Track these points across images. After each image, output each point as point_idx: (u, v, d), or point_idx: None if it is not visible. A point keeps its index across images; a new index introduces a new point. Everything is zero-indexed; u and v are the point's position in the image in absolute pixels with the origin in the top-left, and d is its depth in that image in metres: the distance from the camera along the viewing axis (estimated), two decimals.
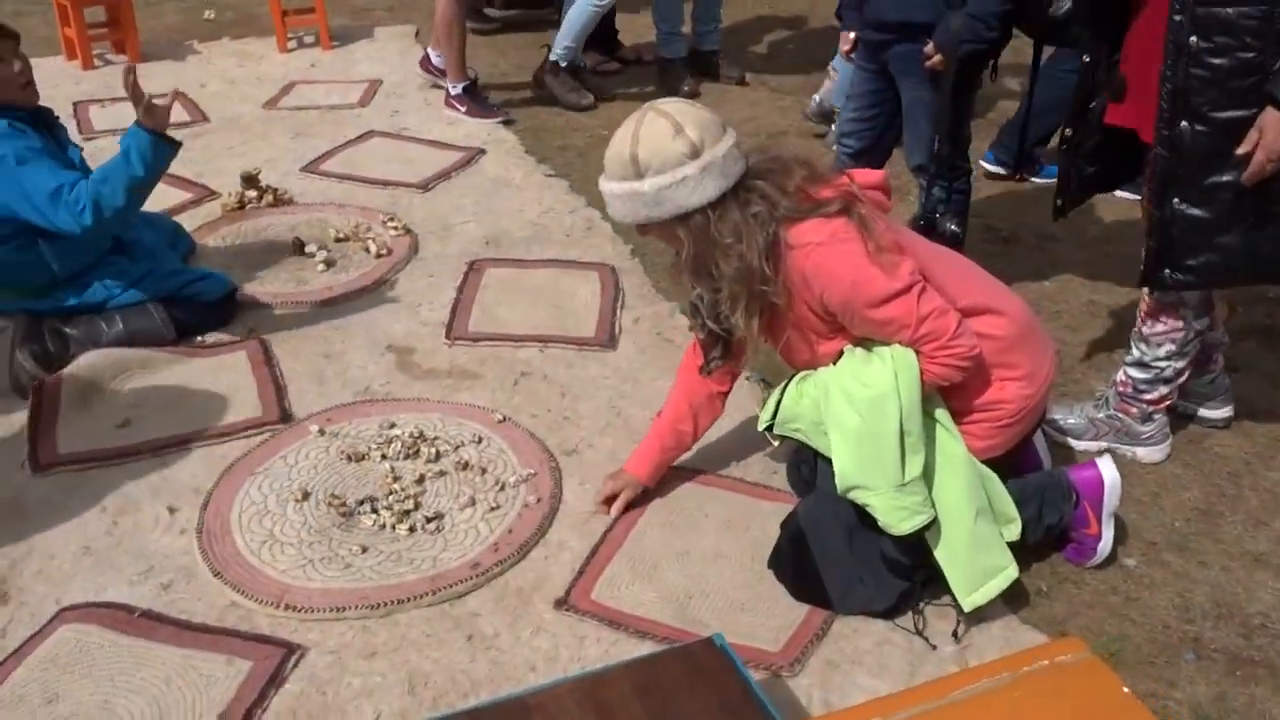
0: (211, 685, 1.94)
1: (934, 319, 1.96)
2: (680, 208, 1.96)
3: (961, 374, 2.02)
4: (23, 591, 2.17)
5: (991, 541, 2.06)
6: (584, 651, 2.02)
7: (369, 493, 2.39)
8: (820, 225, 1.97)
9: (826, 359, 2.11)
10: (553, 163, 4.20)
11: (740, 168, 1.99)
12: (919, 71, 2.74)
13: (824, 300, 2.00)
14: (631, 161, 1.95)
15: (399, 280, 3.33)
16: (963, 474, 2.04)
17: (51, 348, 2.80)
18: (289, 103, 4.78)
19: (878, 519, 2.02)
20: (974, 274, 2.18)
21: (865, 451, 1.99)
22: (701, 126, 1.95)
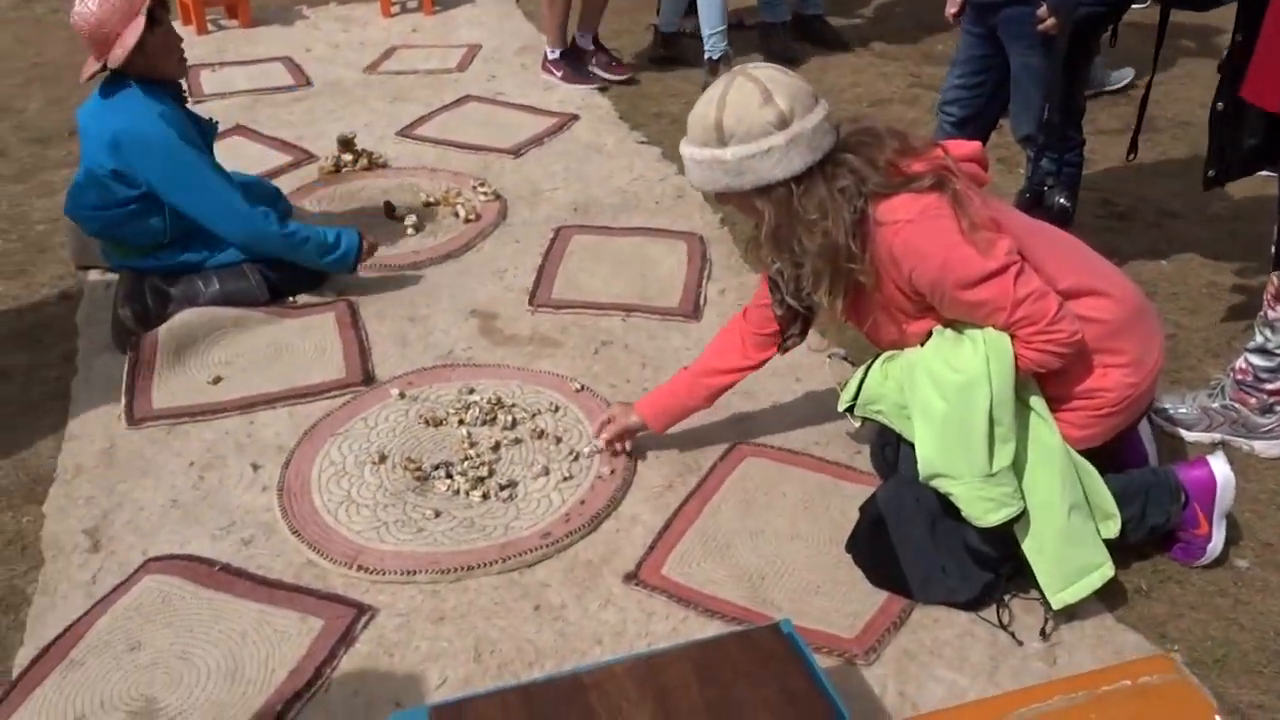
0: (284, 641, 1.97)
1: (1032, 301, 1.84)
2: (762, 179, 1.87)
3: (1060, 360, 1.89)
4: (112, 541, 2.23)
5: (1086, 537, 1.93)
6: (651, 627, 1.99)
7: (444, 458, 2.39)
8: (911, 201, 1.85)
9: (914, 339, 2.01)
10: (646, 129, 4.14)
11: (829, 141, 1.88)
12: (1030, 36, 2.58)
13: (913, 280, 1.90)
14: (716, 128, 1.86)
15: (485, 246, 3.32)
16: (1057, 465, 1.92)
17: (151, 305, 2.88)
18: (389, 67, 4.82)
19: (962, 510, 1.92)
20: (1079, 252, 2.04)
21: (950, 439, 1.89)
22: (792, 96, 1.85)
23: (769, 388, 2.61)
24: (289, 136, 4.08)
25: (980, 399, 1.85)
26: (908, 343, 2.03)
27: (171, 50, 2.83)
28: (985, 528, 1.91)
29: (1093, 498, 1.97)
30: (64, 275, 3.25)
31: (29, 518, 2.32)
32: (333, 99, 4.49)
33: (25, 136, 4.25)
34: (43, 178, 3.90)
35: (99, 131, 2.78)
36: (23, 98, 4.65)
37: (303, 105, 4.42)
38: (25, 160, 4.05)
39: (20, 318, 3.06)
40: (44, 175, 3.92)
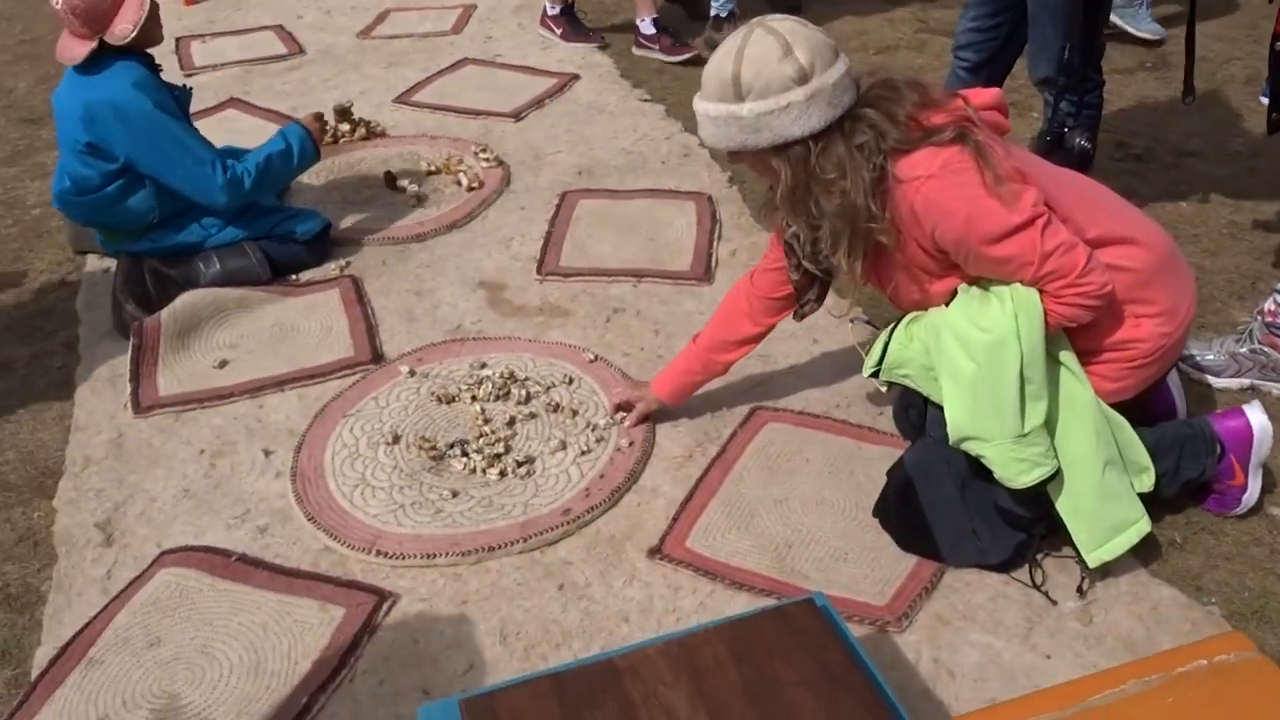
0: (306, 631, 1.93)
1: (1060, 254, 1.76)
2: (780, 137, 1.79)
3: (1092, 314, 1.82)
4: (125, 534, 2.20)
5: (1121, 493, 1.88)
6: (679, 603, 1.95)
7: (459, 435, 2.35)
8: (932, 155, 1.77)
9: (939, 299, 1.94)
10: (649, 86, 4.04)
11: (850, 98, 1.80)
12: None
13: (936, 238, 1.82)
14: (733, 82, 1.77)
15: (490, 214, 3.25)
16: (1089, 421, 1.86)
17: (152, 289, 2.82)
18: (383, 31, 4.72)
19: (995, 472, 1.87)
20: (1106, 200, 1.96)
21: (982, 401, 1.83)
22: (813, 50, 1.76)
23: (786, 350, 2.55)
24: (284, 108, 3.99)
25: (1010, 358, 1.79)
26: (931, 303, 1.96)
27: (158, 17, 2.78)
28: (1018, 489, 1.87)
29: (1126, 451, 1.91)
30: (62, 261, 3.20)
31: (39, 513, 2.29)
32: (327, 66, 4.39)
33: (16, 117, 4.17)
34: (36, 159, 3.83)
35: (71, 108, 2.72)
36: (11, 76, 4.56)
37: (297, 74, 4.33)
38: (17, 141, 3.97)
39: (20, 306, 3.01)
40: (37, 157, 3.84)
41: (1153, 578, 1.95)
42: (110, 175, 2.76)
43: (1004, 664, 1.81)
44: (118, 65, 2.70)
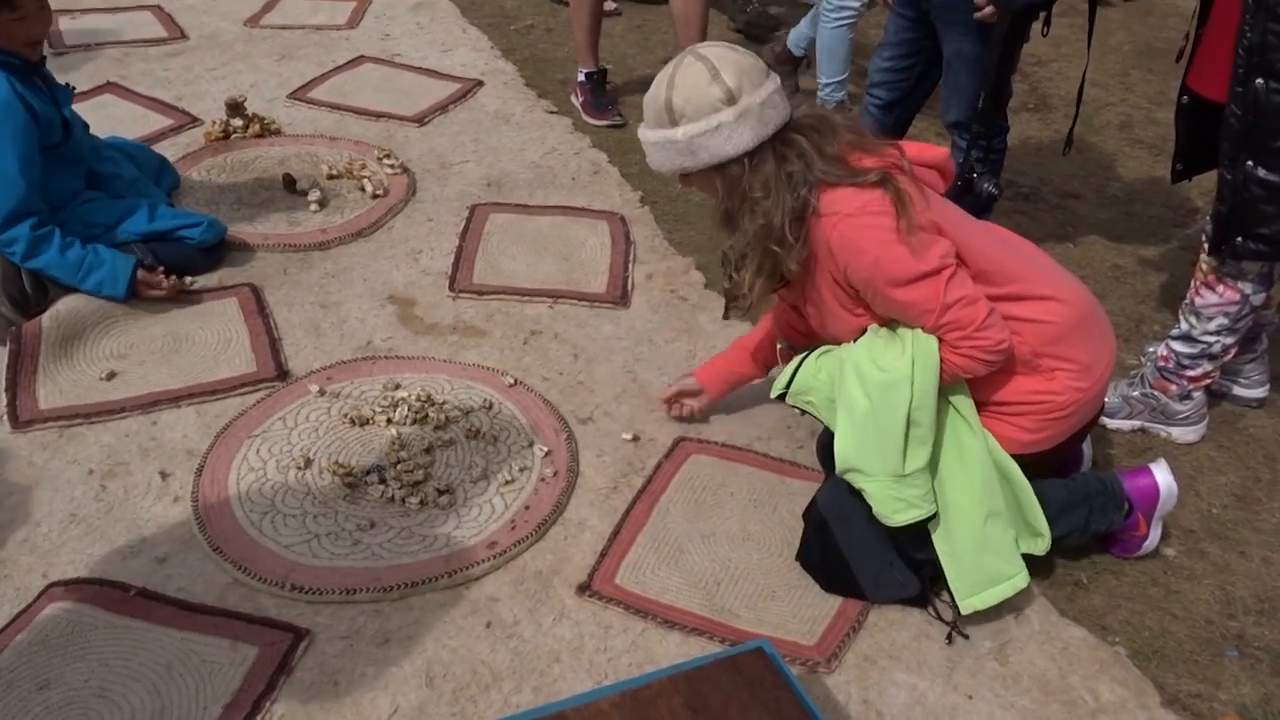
0: (216, 672, 1.82)
1: (960, 307, 1.85)
2: (716, 156, 1.87)
3: (986, 368, 1.91)
4: (5, 564, 2.02)
5: (1002, 547, 1.96)
6: (610, 642, 1.93)
7: (375, 461, 2.26)
8: (853, 195, 1.85)
9: (848, 335, 2.01)
10: (554, 97, 3.99)
11: (782, 115, 1.88)
12: (965, 23, 2.57)
13: (848, 274, 1.90)
14: (666, 108, 1.87)
15: (396, 224, 3.15)
16: (975, 471, 1.94)
17: (30, 290, 2.61)
18: (272, 20, 4.51)
19: (873, 507, 1.94)
20: (1029, 255, 2.05)
21: (868, 436, 1.90)
22: (740, 72, 1.83)
23: None
24: (167, 97, 3.77)
25: (900, 400, 1.87)
26: (842, 338, 2.03)
27: (15, 38, 2.52)
28: (892, 526, 1.94)
29: (1026, 514, 2.00)
30: None
31: None
32: (212, 54, 4.17)
33: None
34: None
35: None
36: None
37: (179, 61, 4.09)
38: None
39: None
40: None
41: (1062, 617, 2.04)
42: None
43: (929, 705, 1.85)
44: None
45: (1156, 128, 4.06)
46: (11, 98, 2.50)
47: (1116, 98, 4.36)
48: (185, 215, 2.85)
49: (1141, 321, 2.96)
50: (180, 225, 2.79)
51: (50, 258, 2.56)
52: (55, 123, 2.63)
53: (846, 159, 1.87)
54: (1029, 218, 3.45)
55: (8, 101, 2.49)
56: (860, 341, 1.96)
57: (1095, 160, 3.88)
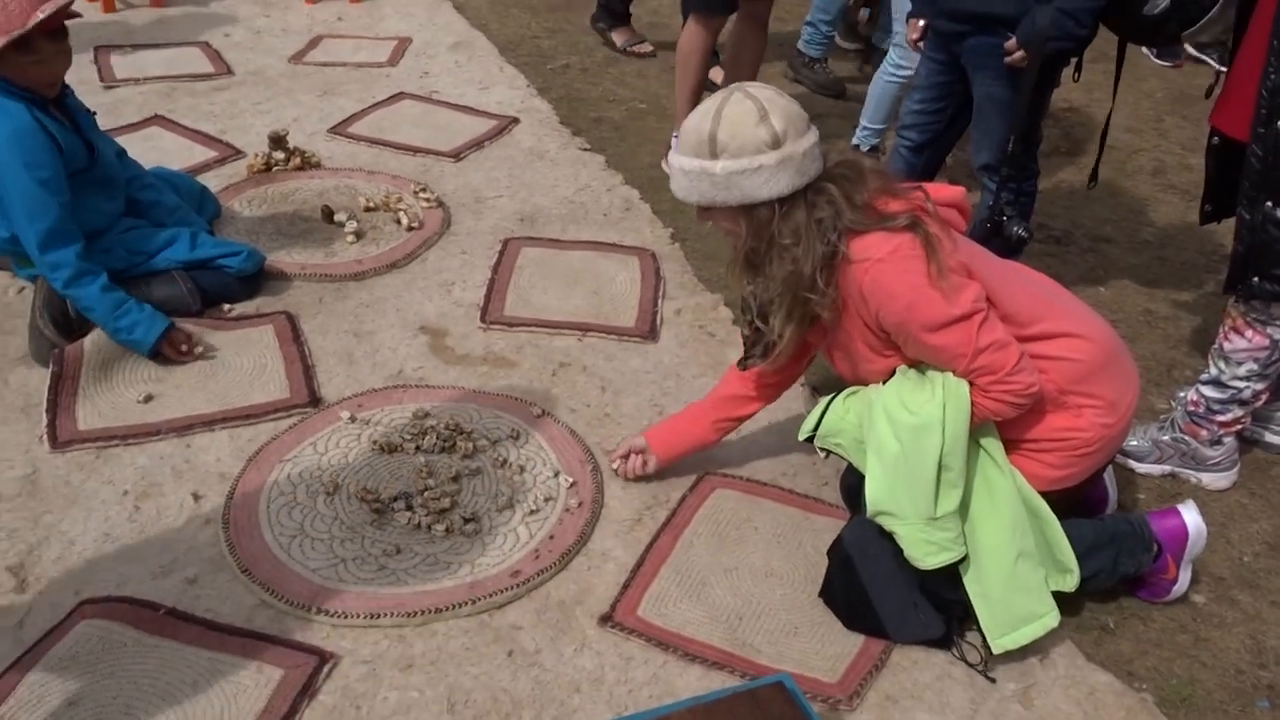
0: (241, 694, 1.84)
1: (992, 351, 1.86)
2: (748, 197, 1.87)
3: (1016, 410, 1.92)
4: (41, 580, 2.06)
5: (1032, 586, 1.95)
6: (631, 674, 1.93)
7: (403, 488, 2.29)
8: (883, 240, 1.86)
9: (876, 377, 2.01)
10: (588, 135, 4.05)
11: (817, 168, 1.90)
12: (996, 66, 2.59)
13: (880, 319, 1.91)
14: (709, 140, 1.86)
15: (430, 256, 3.20)
16: (1006, 512, 1.94)
17: (73, 314, 2.68)
18: (315, 57, 4.62)
19: (904, 550, 1.94)
20: (1052, 295, 2.05)
21: (899, 479, 1.90)
22: (788, 118, 1.85)
23: None
24: (212, 130, 3.86)
25: (932, 444, 1.87)
26: (870, 380, 2.03)
27: (33, 79, 2.57)
28: (924, 569, 1.93)
29: (1055, 551, 1.99)
30: None
31: None
32: (257, 90, 4.27)
33: None
34: None
35: None
36: None
37: (225, 95, 4.20)
38: None
39: None
40: None
41: (1088, 661, 2.02)
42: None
43: None
44: (7, 103, 2.55)
45: (1189, 173, 4.05)
46: (32, 125, 2.55)
47: (1149, 143, 4.36)
48: (225, 244, 2.92)
49: (1173, 366, 2.94)
50: (220, 254, 2.86)
51: (91, 292, 2.59)
52: (78, 149, 2.68)
53: (874, 205, 1.89)
54: (1060, 261, 3.44)
55: (30, 129, 2.55)
56: (889, 383, 1.97)
57: (1127, 205, 3.88)
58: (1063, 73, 2.71)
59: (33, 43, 2.51)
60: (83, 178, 2.70)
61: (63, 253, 2.58)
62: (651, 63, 4.81)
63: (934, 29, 2.78)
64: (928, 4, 2.76)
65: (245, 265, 2.88)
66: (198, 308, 2.81)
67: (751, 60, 3.66)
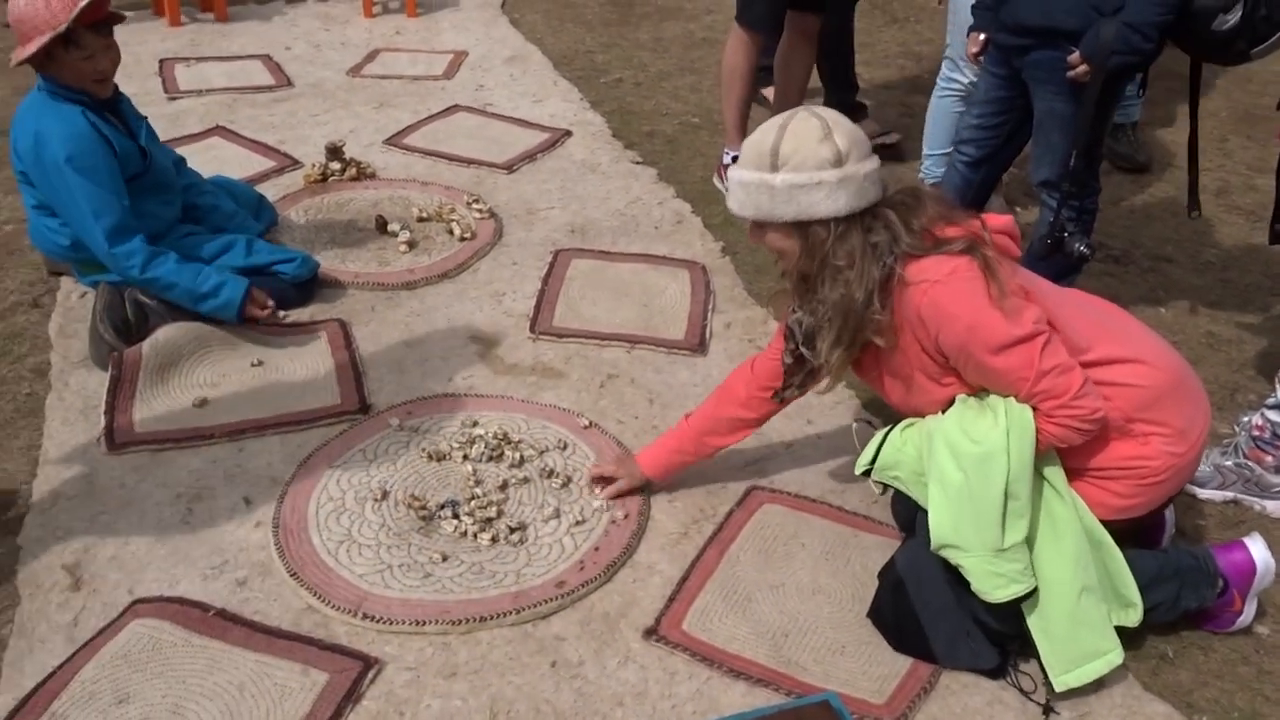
0: (286, 697, 1.85)
1: (1055, 375, 1.81)
2: (806, 213, 1.85)
3: (1082, 436, 1.87)
4: (95, 579, 2.10)
5: (1095, 622, 1.90)
6: (675, 689, 1.91)
7: (450, 496, 2.29)
8: (941, 263, 1.83)
9: (935, 406, 1.97)
10: (640, 149, 4.06)
11: (875, 193, 1.88)
12: (1058, 81, 2.55)
13: (940, 342, 1.87)
14: (771, 152, 1.84)
15: (482, 266, 3.22)
16: (1069, 544, 1.88)
17: (132, 319, 2.73)
18: (373, 70, 4.69)
19: (971, 583, 1.89)
20: (1115, 319, 2.01)
21: (964, 511, 1.86)
22: (852, 140, 1.84)
23: (781, 429, 2.54)
24: (271, 140, 3.93)
25: (998, 473, 1.83)
26: (925, 410, 2.00)
27: (84, 75, 2.63)
28: (992, 603, 1.88)
29: (1117, 583, 1.94)
30: (34, 281, 3.09)
31: (3, 550, 2.18)
32: (315, 102, 4.34)
33: None
34: (6, 173, 3.70)
35: (14, 133, 2.70)
36: None
37: (284, 107, 4.27)
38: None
39: None
40: (7, 170, 3.71)
41: (1145, 691, 1.96)
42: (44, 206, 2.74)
43: None
44: (50, 94, 2.64)
45: (1255, 194, 3.96)
46: (88, 128, 2.62)
47: (1214, 163, 4.26)
48: (281, 251, 2.96)
49: (1236, 390, 2.86)
50: (276, 260, 2.90)
51: (169, 268, 2.67)
52: (133, 153, 2.75)
53: (932, 231, 1.87)
54: (1119, 280, 3.37)
55: (85, 132, 2.62)
56: (949, 413, 1.93)
57: (1190, 225, 3.78)
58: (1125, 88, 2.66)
59: (78, 38, 2.57)
60: (138, 183, 2.76)
61: (132, 243, 2.65)
62: (704, 77, 4.81)
63: (995, 43, 2.74)
64: (989, 17, 2.72)
65: (300, 271, 2.92)
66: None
67: (800, 74, 3.65)
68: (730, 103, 3.66)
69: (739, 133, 3.64)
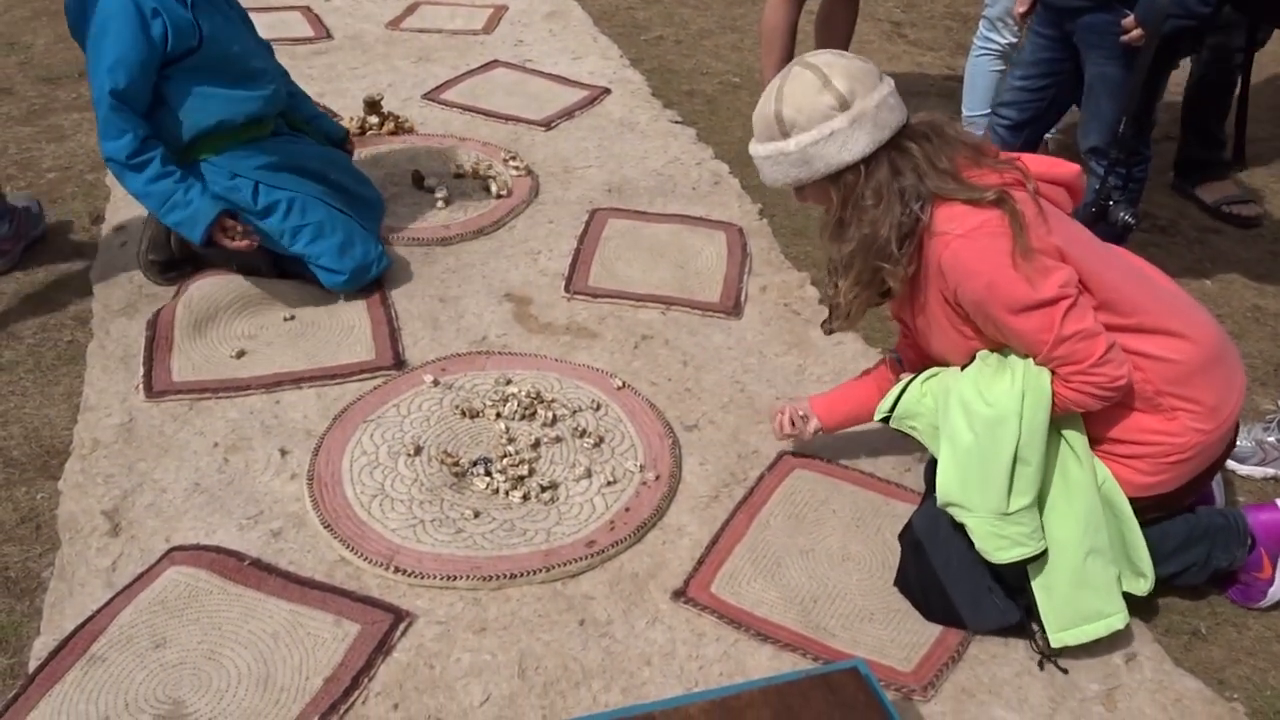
0: (319, 646, 1.88)
1: (1076, 340, 1.77)
2: (830, 165, 1.82)
3: (1100, 403, 1.83)
4: (133, 525, 2.13)
5: (1100, 584, 1.88)
6: (702, 650, 1.92)
7: (483, 453, 2.30)
8: (968, 214, 1.78)
9: (959, 357, 1.94)
10: (680, 108, 4.02)
11: (899, 118, 1.82)
12: (1111, 45, 2.48)
13: (959, 295, 1.83)
14: (776, 120, 1.83)
15: (518, 224, 3.21)
16: (1080, 505, 1.86)
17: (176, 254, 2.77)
18: (412, 24, 4.66)
19: (975, 543, 1.88)
20: (1157, 288, 1.94)
21: (972, 472, 1.84)
22: (851, 76, 1.79)
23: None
24: (310, 92, 3.86)
25: (1008, 437, 1.80)
26: (954, 359, 1.97)
27: None
28: (994, 564, 1.87)
29: (1129, 551, 1.92)
30: (77, 230, 3.11)
31: (43, 494, 2.22)
32: (354, 55, 4.33)
33: (34, 75, 4.07)
34: (52, 120, 3.74)
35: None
36: (30, 32, 4.46)
37: (323, 59, 4.26)
38: (34, 100, 3.88)
39: (29, 273, 2.93)
40: (54, 118, 3.75)
41: (1177, 666, 1.94)
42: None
43: None
44: None
45: None
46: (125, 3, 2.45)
47: (1266, 132, 4.15)
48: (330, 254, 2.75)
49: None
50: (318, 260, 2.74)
51: (137, 186, 2.53)
52: (185, 26, 2.54)
53: (961, 173, 1.81)
54: (1165, 251, 3.30)
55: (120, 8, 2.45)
56: (968, 371, 1.90)
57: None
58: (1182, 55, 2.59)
59: None
60: (189, 63, 2.58)
61: (110, 145, 2.50)
62: (746, 35, 4.74)
63: (1045, 3, 2.67)
64: None
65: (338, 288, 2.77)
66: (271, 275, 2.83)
67: (843, 33, 3.59)
68: (770, 62, 3.60)
69: None
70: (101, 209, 3.19)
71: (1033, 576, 1.90)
